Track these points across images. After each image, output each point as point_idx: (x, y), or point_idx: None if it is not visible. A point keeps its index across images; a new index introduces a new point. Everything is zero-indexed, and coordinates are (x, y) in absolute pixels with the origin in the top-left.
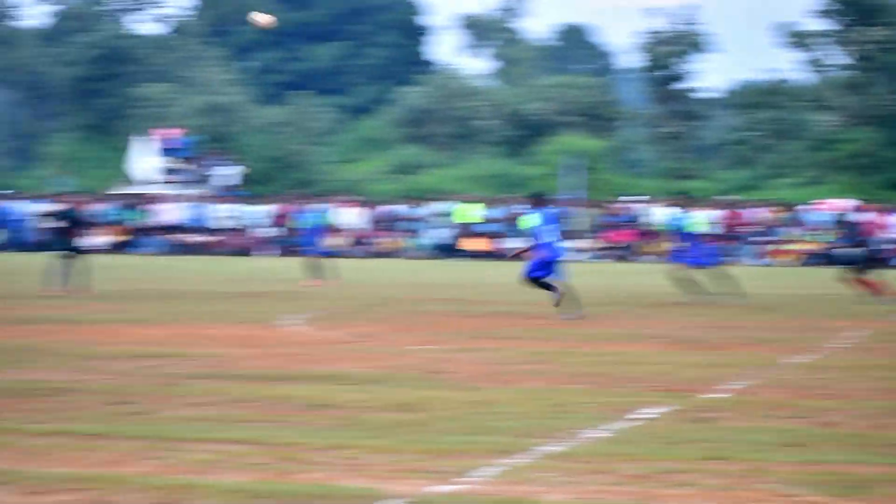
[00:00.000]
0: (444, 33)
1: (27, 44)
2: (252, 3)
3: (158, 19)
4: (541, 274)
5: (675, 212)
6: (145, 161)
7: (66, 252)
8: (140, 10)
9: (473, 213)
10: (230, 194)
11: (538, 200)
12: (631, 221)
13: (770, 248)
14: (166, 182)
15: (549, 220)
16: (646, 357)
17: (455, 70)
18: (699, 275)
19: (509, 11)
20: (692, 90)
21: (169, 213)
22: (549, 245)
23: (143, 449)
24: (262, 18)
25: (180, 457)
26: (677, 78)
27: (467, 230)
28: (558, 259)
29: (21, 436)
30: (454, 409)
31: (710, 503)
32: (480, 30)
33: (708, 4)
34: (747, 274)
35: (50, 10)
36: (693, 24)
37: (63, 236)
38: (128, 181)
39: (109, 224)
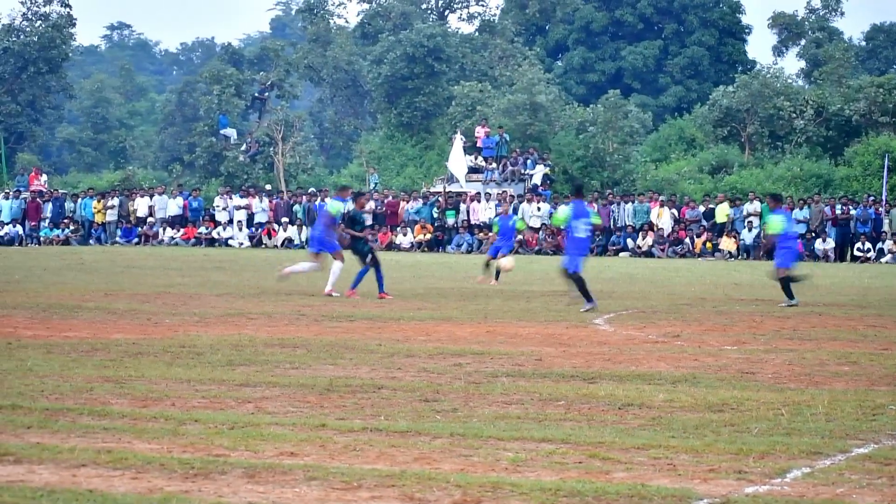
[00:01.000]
0: (757, 32)
1: (341, 42)
2: (560, 2)
3: (469, 18)
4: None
5: None
6: (457, 160)
7: (356, 251)
8: (451, 9)
9: (724, 213)
10: (537, 193)
11: (579, 193)
12: None
13: None
14: (475, 181)
15: (579, 214)
16: None
17: (768, 69)
18: None
19: (823, 10)
20: None
21: (478, 212)
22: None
23: (451, 446)
24: (507, 264)
25: (489, 455)
26: None
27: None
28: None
29: (331, 432)
30: (764, 410)
31: None
32: (794, 29)
33: None
34: None
35: (363, 8)
36: None
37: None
38: (442, 179)
39: (420, 223)
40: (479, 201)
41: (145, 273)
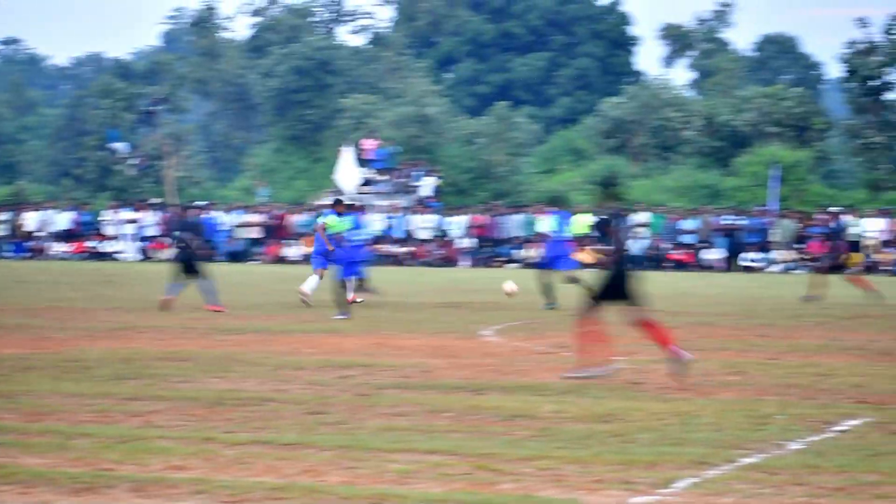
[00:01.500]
0: (647, 44)
1: (230, 55)
2: (450, 15)
3: (359, 31)
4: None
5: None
6: (347, 172)
7: (180, 266)
8: (341, 22)
9: (585, 223)
10: (426, 205)
11: (337, 204)
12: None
13: None
14: (365, 193)
15: (355, 225)
16: (842, 369)
17: (657, 80)
18: None
19: (713, 21)
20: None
21: (368, 224)
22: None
23: (339, 459)
24: (509, 288)
25: (376, 467)
26: (882, 88)
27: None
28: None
29: (219, 445)
30: (651, 420)
31: None
32: (683, 40)
33: None
34: None
35: (252, 21)
36: None
37: (184, 251)
38: (331, 191)
39: (308, 235)
40: (368, 214)
41: (35, 287)
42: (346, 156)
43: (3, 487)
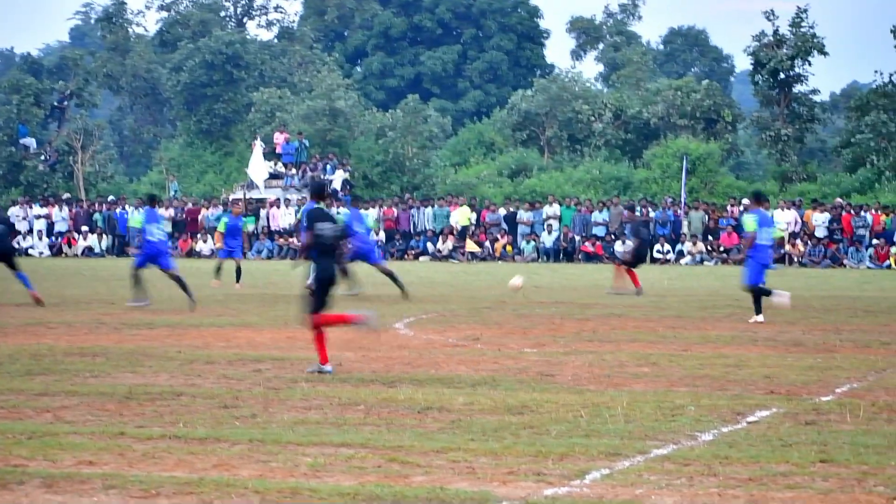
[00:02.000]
0: (556, 37)
1: (140, 50)
2: (359, 8)
3: (267, 25)
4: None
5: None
6: (257, 166)
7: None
8: (250, 16)
9: (465, 217)
10: (337, 198)
11: (152, 202)
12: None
13: (882, 250)
14: (275, 187)
15: (151, 219)
16: (752, 360)
17: (567, 73)
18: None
19: (621, 15)
20: (804, 93)
21: (278, 218)
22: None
23: (250, 452)
24: (516, 283)
25: (288, 460)
26: (790, 81)
27: (463, 233)
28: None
29: (130, 440)
30: (564, 412)
31: None
32: (592, 33)
33: (819, 7)
34: (856, 277)
35: (161, 16)
36: (805, 27)
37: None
38: (242, 186)
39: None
40: (279, 207)
41: None
42: (258, 150)
43: None
